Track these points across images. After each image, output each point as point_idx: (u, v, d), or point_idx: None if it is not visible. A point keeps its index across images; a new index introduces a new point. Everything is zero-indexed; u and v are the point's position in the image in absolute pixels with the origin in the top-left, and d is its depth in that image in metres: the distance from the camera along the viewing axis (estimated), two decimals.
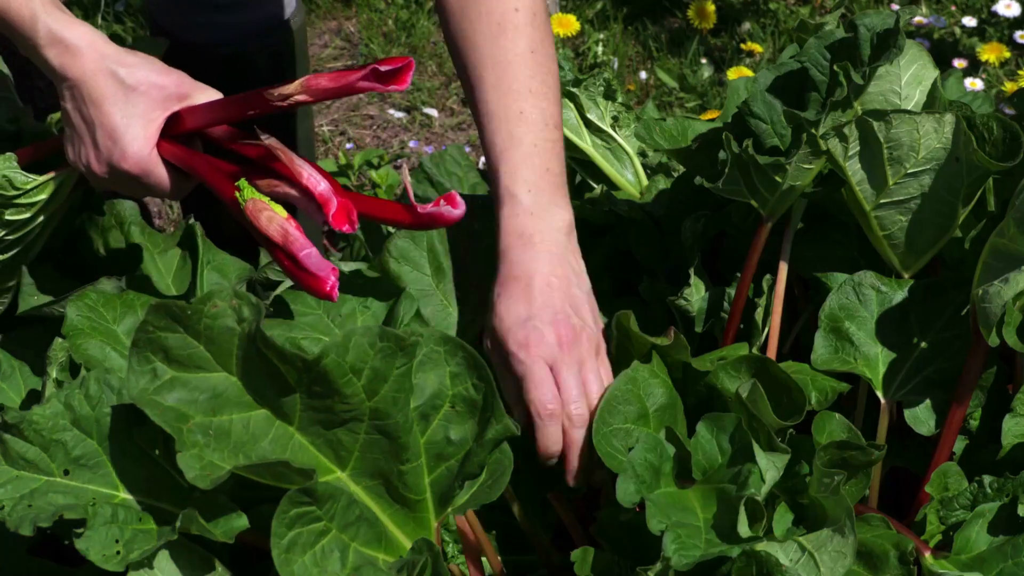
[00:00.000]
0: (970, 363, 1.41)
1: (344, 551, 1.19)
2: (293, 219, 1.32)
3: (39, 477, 1.22)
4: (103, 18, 3.39)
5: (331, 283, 1.29)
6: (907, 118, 1.42)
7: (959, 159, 1.43)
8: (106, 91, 1.37)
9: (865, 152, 1.45)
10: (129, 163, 1.38)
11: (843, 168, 1.47)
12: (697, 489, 1.25)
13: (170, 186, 1.41)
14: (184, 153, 1.38)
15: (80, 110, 1.38)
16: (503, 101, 1.42)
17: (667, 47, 3.34)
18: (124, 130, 1.37)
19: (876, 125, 1.42)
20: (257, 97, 1.37)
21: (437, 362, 1.24)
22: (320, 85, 1.34)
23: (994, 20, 3.24)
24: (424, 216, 1.34)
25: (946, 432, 1.41)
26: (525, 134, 1.42)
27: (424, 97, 3.22)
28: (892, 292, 1.50)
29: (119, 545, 1.18)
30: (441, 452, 1.25)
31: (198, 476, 1.17)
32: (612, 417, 1.32)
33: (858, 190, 1.48)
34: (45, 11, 1.36)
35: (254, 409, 1.22)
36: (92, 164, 1.39)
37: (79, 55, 1.37)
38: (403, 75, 1.31)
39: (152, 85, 1.38)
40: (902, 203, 1.48)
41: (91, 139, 1.38)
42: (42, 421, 1.23)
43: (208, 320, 1.19)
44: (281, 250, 1.31)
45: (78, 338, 1.38)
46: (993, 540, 1.29)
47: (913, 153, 1.44)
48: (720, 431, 1.28)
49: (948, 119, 1.42)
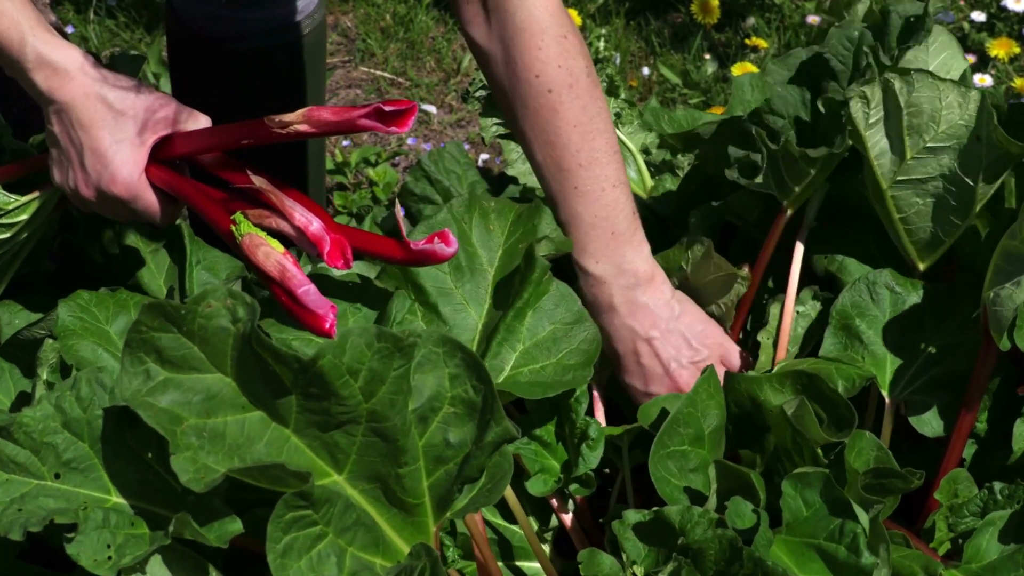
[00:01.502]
0: (980, 367, 1.40)
1: (341, 556, 1.18)
2: (290, 254, 1.32)
3: (29, 481, 1.21)
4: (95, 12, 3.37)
5: (330, 321, 1.30)
6: (929, 82, 1.41)
7: (980, 138, 1.42)
8: (95, 115, 1.36)
9: (886, 120, 1.44)
10: (118, 187, 1.37)
11: (863, 138, 1.46)
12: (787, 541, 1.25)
13: (159, 211, 1.41)
14: (174, 179, 1.38)
15: (68, 133, 1.37)
16: (557, 179, 1.48)
17: (670, 42, 3.31)
18: (113, 154, 1.36)
19: (898, 86, 1.42)
20: (255, 126, 1.37)
21: (436, 363, 1.22)
22: (322, 117, 1.34)
23: (1003, 15, 3.22)
24: (417, 253, 1.34)
25: (955, 438, 1.40)
26: (584, 209, 1.48)
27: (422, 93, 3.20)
28: (907, 293, 1.50)
29: (111, 550, 1.17)
30: (440, 455, 1.23)
31: (192, 479, 1.16)
32: (671, 439, 1.33)
33: (876, 165, 1.47)
34: (33, 34, 1.35)
35: (249, 411, 1.20)
36: (80, 188, 1.39)
37: (68, 78, 1.36)
38: (405, 118, 1.31)
39: (142, 109, 1.38)
40: (920, 183, 1.47)
41: (79, 162, 1.38)
42: (32, 423, 1.22)
43: (202, 320, 1.18)
44: (279, 286, 1.30)
45: (69, 339, 1.37)
46: (1004, 549, 1.29)
47: (933, 124, 1.43)
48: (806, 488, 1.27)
49: (974, 95, 1.41)
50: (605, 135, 1.49)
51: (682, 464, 1.31)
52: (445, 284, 1.46)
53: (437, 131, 3.13)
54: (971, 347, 1.45)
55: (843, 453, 1.30)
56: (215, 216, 1.35)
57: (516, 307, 1.42)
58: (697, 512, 1.22)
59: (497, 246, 1.48)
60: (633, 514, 1.26)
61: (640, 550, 1.26)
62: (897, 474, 1.25)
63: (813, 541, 1.22)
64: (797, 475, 1.25)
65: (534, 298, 1.43)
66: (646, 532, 1.26)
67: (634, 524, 1.26)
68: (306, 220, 1.33)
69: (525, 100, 1.46)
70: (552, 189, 1.49)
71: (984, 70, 3.08)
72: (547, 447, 1.45)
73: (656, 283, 1.52)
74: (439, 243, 1.33)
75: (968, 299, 1.48)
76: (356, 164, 2.92)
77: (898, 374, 1.47)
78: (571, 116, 1.46)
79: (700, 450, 1.33)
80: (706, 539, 1.20)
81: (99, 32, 3.31)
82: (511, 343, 1.42)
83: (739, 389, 1.38)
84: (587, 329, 1.43)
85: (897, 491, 1.26)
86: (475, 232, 1.48)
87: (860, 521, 1.20)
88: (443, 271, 1.47)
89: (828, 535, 1.22)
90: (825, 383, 1.34)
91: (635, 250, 1.51)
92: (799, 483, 1.25)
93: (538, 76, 1.45)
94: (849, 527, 1.21)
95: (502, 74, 1.47)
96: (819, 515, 1.23)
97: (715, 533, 1.20)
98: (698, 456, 1.32)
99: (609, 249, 1.49)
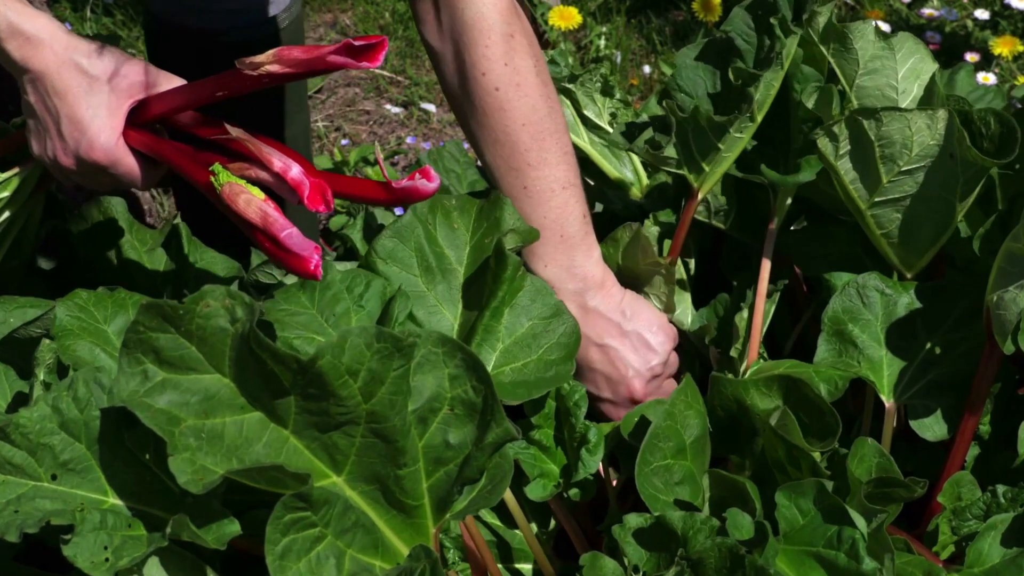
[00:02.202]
0: (983, 370, 1.39)
1: (340, 558, 1.17)
2: (271, 200, 1.30)
3: (26, 482, 1.20)
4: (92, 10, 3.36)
5: (315, 262, 1.28)
6: (898, 115, 1.40)
7: (953, 156, 1.41)
8: (70, 82, 1.35)
9: (856, 151, 1.44)
10: (97, 153, 1.36)
11: (835, 167, 1.45)
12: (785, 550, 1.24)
13: (140, 175, 1.39)
14: (152, 140, 1.37)
15: (44, 102, 1.36)
16: (506, 179, 1.48)
17: (671, 40, 3.31)
18: (90, 120, 1.36)
19: (867, 124, 1.41)
20: (228, 76, 1.35)
21: (436, 364, 1.21)
22: (292, 55, 1.32)
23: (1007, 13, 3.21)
24: (399, 191, 1.32)
25: (958, 441, 1.39)
26: (532, 211, 1.48)
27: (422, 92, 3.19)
28: (897, 294, 1.48)
29: (108, 552, 1.16)
30: (439, 456, 1.23)
31: (190, 480, 1.15)
32: (653, 455, 1.31)
33: (852, 189, 1.47)
34: (4, 4, 1.34)
35: (248, 412, 1.20)
36: (59, 156, 1.38)
37: (41, 47, 1.35)
38: (376, 52, 1.29)
39: (116, 74, 1.37)
40: (898, 201, 1.46)
41: (56, 131, 1.37)
42: (29, 424, 1.21)
43: (201, 320, 1.17)
44: (261, 232, 1.29)
45: (67, 339, 1.36)
46: (1006, 552, 1.28)
47: (906, 151, 1.42)
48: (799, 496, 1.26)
49: (941, 115, 1.39)
50: (556, 136, 1.48)
51: (667, 479, 1.30)
52: (417, 287, 1.45)
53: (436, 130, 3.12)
54: (968, 347, 1.44)
55: (844, 460, 1.30)
56: (194, 171, 1.34)
57: (492, 307, 1.41)
58: (699, 519, 1.21)
59: (464, 243, 1.47)
60: (634, 518, 1.25)
61: (641, 555, 1.25)
62: (900, 483, 1.24)
63: (812, 549, 1.22)
64: (791, 485, 1.24)
65: (509, 296, 1.42)
66: (647, 537, 1.25)
67: (635, 529, 1.25)
68: (284, 165, 1.31)
69: (472, 99, 1.46)
70: (502, 189, 1.49)
71: (988, 68, 3.07)
72: (546, 451, 1.44)
73: (607, 288, 1.51)
74: (420, 179, 1.31)
75: (961, 297, 1.47)
76: (355, 163, 2.91)
77: (897, 378, 1.46)
78: (519, 115, 1.46)
79: (684, 462, 1.31)
80: (707, 547, 1.19)
81: (95, 30, 3.30)
82: (491, 343, 1.41)
83: (725, 392, 1.37)
84: (565, 322, 1.42)
85: (900, 500, 1.25)
86: (440, 232, 1.47)
87: (858, 526, 1.19)
88: (414, 274, 1.46)
89: (826, 542, 1.21)
90: (810, 388, 1.32)
91: (585, 254, 1.50)
92: (793, 492, 1.24)
93: (484, 74, 1.45)
94: (847, 533, 1.20)
95: (452, 72, 1.48)
96: (815, 523, 1.23)
97: (715, 542, 1.19)
98: (682, 468, 1.31)
99: (558, 252, 1.49)
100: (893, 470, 1.29)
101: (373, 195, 1.33)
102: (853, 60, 1.53)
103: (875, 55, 1.53)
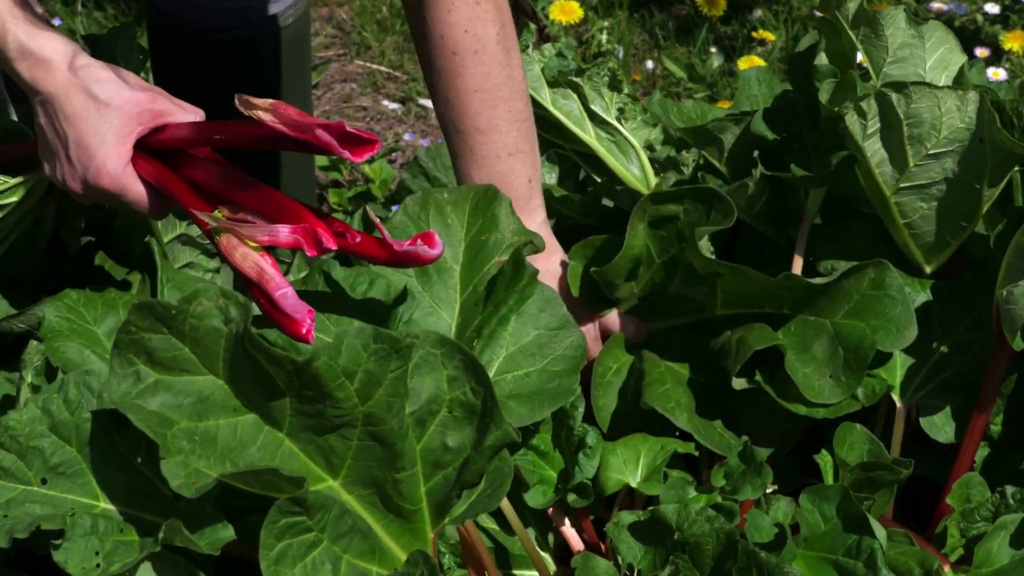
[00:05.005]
0: (993, 368, 1.38)
1: (336, 563, 1.17)
2: (269, 256, 1.28)
3: (15, 486, 1.19)
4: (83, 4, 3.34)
5: (307, 326, 1.26)
6: (928, 92, 1.40)
7: (983, 140, 1.40)
8: (78, 107, 1.33)
9: (885, 131, 1.43)
10: (104, 180, 1.35)
11: (862, 148, 1.44)
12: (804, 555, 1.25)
13: (148, 203, 1.37)
14: (160, 172, 1.35)
15: (53, 125, 1.35)
16: (454, 139, 1.53)
17: (675, 35, 3.28)
18: (97, 146, 1.34)
19: (895, 99, 1.40)
20: (231, 125, 1.34)
21: (434, 365, 1.21)
22: (288, 113, 1.31)
23: (1018, 7, 3.18)
24: (400, 254, 1.31)
25: (968, 441, 1.39)
26: (476, 172, 1.53)
27: (419, 87, 3.17)
28: (915, 293, 1.47)
29: (99, 557, 1.16)
30: (438, 460, 1.22)
31: (183, 484, 1.15)
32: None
33: (877, 173, 1.45)
34: (15, 22, 1.33)
35: (242, 414, 1.19)
36: (68, 181, 1.37)
37: (51, 69, 1.33)
38: (363, 149, 1.28)
39: (126, 100, 1.35)
40: (924, 188, 1.45)
41: (65, 155, 1.35)
42: (18, 427, 1.20)
43: (194, 320, 1.16)
44: (256, 288, 1.27)
45: (56, 340, 1.35)
46: (1015, 553, 1.27)
47: (935, 132, 1.41)
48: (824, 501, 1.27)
49: (972, 96, 1.39)
50: (510, 103, 1.51)
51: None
52: (413, 288, 1.43)
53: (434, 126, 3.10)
54: (983, 347, 1.43)
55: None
56: (196, 213, 1.33)
57: (501, 314, 1.39)
58: (694, 509, 1.22)
59: (459, 240, 1.45)
60: (628, 515, 1.25)
61: (636, 552, 1.25)
62: (883, 466, 1.25)
63: (831, 557, 1.23)
64: (815, 489, 1.25)
65: (518, 303, 1.41)
66: (643, 532, 1.25)
67: (630, 524, 1.25)
68: (271, 237, 1.29)
69: (430, 59, 1.50)
70: (451, 144, 1.53)
71: (998, 63, 3.04)
72: (544, 456, 1.42)
73: (550, 253, 1.53)
74: (422, 245, 1.30)
75: (978, 297, 1.46)
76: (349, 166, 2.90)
77: (909, 377, 1.44)
78: (473, 82, 1.49)
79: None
80: (703, 533, 1.19)
81: (87, 25, 3.28)
82: (493, 348, 1.40)
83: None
84: (572, 335, 1.41)
85: (887, 484, 1.26)
86: (434, 230, 1.45)
87: (877, 537, 1.20)
88: (408, 275, 1.44)
89: (846, 551, 1.22)
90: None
91: (528, 218, 1.52)
92: (817, 497, 1.25)
93: (443, 37, 1.48)
94: (867, 543, 1.20)
95: (415, 27, 1.51)
96: (836, 530, 1.23)
97: (712, 527, 1.19)
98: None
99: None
100: (883, 456, 1.29)
101: (373, 253, 1.32)
102: (882, 47, 1.53)
103: (905, 43, 1.52)
